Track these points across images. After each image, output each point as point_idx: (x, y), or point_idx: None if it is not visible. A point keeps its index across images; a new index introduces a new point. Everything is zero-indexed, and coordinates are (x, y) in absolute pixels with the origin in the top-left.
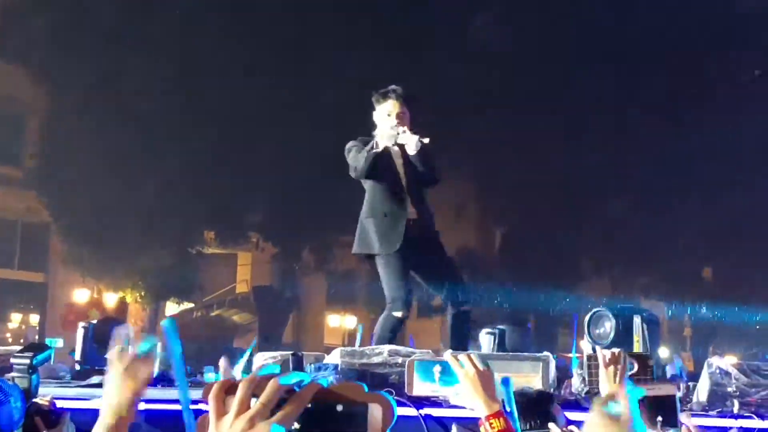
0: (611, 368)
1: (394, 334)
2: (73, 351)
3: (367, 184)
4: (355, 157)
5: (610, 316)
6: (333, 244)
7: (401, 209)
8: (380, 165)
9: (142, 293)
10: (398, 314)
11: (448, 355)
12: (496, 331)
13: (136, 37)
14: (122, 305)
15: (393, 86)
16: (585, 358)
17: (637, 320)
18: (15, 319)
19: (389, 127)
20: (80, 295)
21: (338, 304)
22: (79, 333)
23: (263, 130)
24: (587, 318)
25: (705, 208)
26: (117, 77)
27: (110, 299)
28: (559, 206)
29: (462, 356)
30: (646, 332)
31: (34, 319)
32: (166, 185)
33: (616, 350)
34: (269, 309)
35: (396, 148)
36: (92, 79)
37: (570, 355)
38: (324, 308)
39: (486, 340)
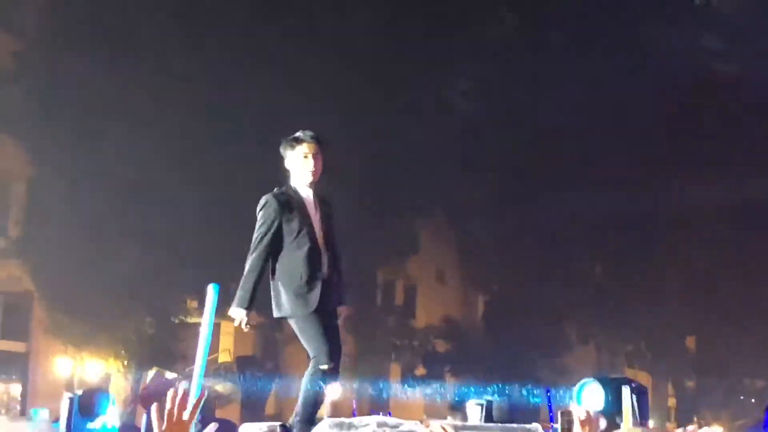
0: (586, 428)
1: (321, 389)
2: (56, 421)
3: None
4: (260, 223)
5: (599, 386)
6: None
7: (318, 270)
8: (295, 222)
9: (125, 362)
10: (324, 366)
11: (436, 426)
12: (484, 402)
13: (117, 102)
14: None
15: (304, 130)
16: (559, 414)
17: (626, 391)
18: None
19: (307, 169)
20: (62, 365)
21: None
22: (64, 404)
23: (248, 195)
24: (576, 388)
25: (688, 276)
26: (98, 143)
27: (93, 369)
28: (544, 273)
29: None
30: (635, 403)
31: (15, 389)
32: (148, 254)
33: (591, 410)
34: (252, 379)
35: (311, 199)
36: (74, 146)
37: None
38: None
39: (474, 410)
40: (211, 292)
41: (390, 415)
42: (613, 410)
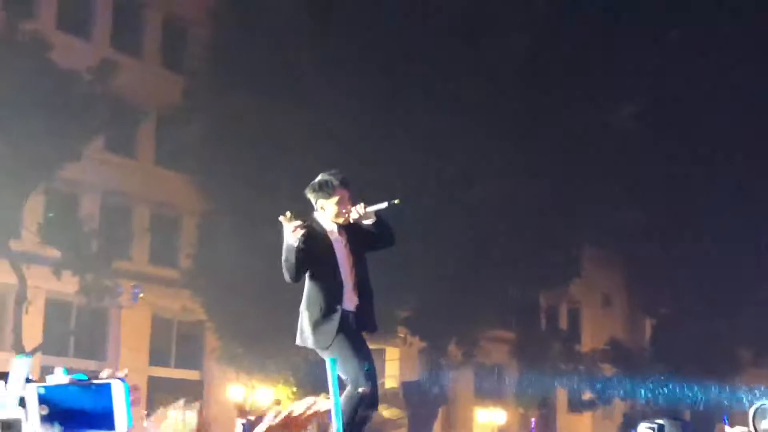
0: None
1: (360, 412)
2: None
3: (308, 273)
4: (285, 255)
5: None
6: (480, 337)
7: (338, 303)
8: (318, 254)
9: (294, 389)
10: (361, 389)
11: None
12: (656, 425)
13: (284, 137)
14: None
15: (332, 178)
16: None
17: None
18: (173, 416)
19: (344, 211)
20: (234, 392)
21: (487, 398)
22: (237, 430)
23: (412, 226)
24: (752, 411)
25: None
26: (268, 179)
27: (264, 395)
28: (712, 293)
29: None
30: None
31: (190, 416)
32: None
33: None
34: (418, 404)
35: (336, 230)
36: (244, 181)
37: None
38: (472, 402)
39: None
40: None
41: None
42: None
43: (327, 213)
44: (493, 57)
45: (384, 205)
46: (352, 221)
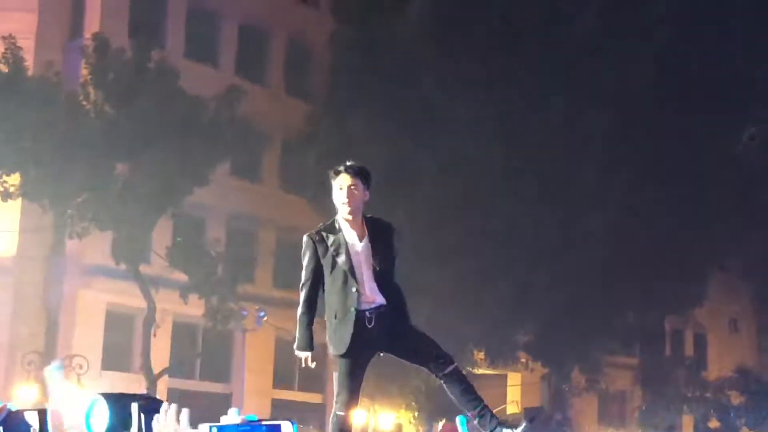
0: None
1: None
2: None
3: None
4: (305, 269)
5: None
6: (603, 363)
7: (352, 305)
8: (329, 257)
9: (416, 414)
10: (340, 413)
11: None
12: None
13: (407, 165)
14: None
15: (348, 162)
16: None
17: None
18: None
19: (340, 201)
20: (356, 415)
21: (611, 425)
22: None
23: (537, 252)
24: None
25: None
26: (387, 204)
27: (386, 419)
28: None
29: None
30: None
31: None
32: (438, 305)
33: None
34: (540, 431)
35: (353, 230)
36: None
37: None
38: (596, 429)
39: None
40: None
41: None
42: None
43: (336, 204)
44: (619, 84)
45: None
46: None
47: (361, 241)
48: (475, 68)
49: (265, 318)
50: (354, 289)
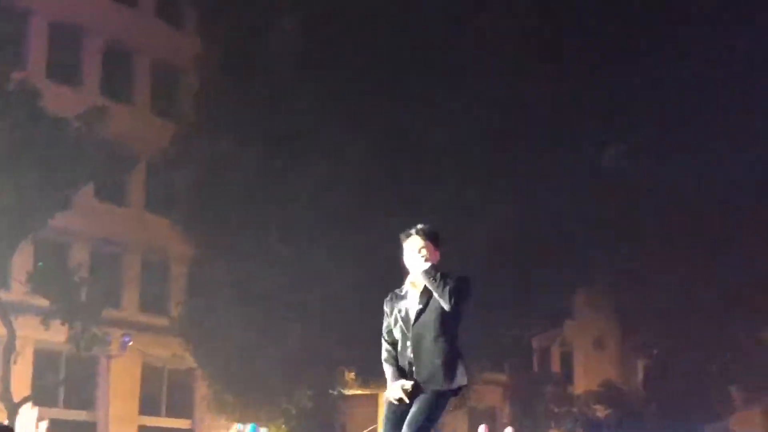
0: None
1: None
2: None
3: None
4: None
5: None
6: (473, 381)
7: (402, 362)
8: (393, 317)
9: None
10: None
11: None
12: None
13: (274, 185)
14: None
15: (418, 226)
16: None
17: None
18: None
19: (415, 261)
20: None
21: None
22: None
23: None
24: None
25: None
26: (258, 225)
27: None
28: (703, 334)
29: None
30: None
31: None
32: (308, 327)
33: None
34: None
35: (415, 290)
36: (233, 229)
37: None
38: None
39: None
40: None
41: None
42: None
43: (407, 265)
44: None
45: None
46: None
47: (420, 300)
48: (344, 88)
49: (131, 343)
50: (404, 348)
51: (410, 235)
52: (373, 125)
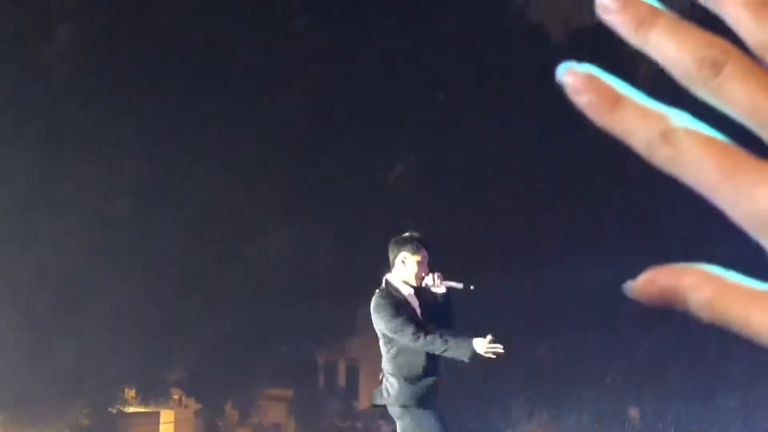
0: None
1: None
2: None
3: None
4: (401, 324)
5: None
6: (257, 397)
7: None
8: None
9: None
10: None
11: None
12: None
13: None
14: None
15: (417, 236)
16: None
17: None
18: None
19: (422, 274)
20: None
21: None
22: None
23: (184, 284)
24: None
25: (629, 343)
26: (30, 237)
27: None
28: None
29: None
30: None
31: None
32: (84, 344)
33: None
34: None
35: (412, 293)
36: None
37: None
38: None
39: None
40: None
41: None
42: None
43: (407, 270)
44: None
45: (460, 286)
46: (423, 285)
47: (418, 304)
48: (126, 95)
49: None
50: None
51: (421, 247)
52: (153, 134)
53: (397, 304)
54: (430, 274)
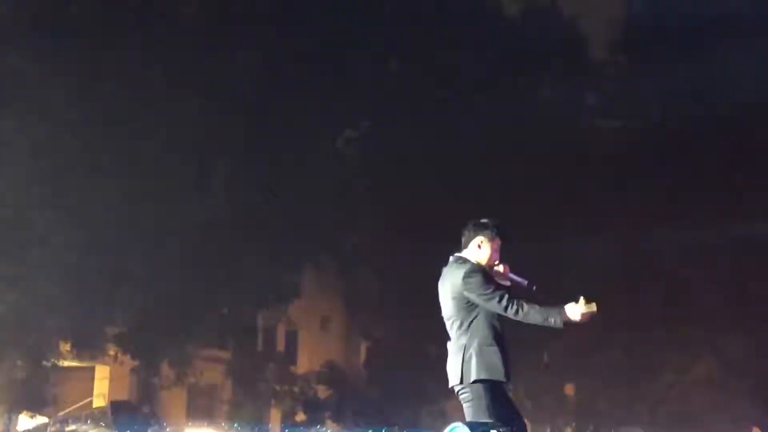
0: None
1: None
2: None
3: (482, 309)
4: (491, 295)
5: (467, 430)
6: (194, 356)
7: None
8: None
9: None
10: None
11: None
12: None
13: None
14: None
15: (497, 224)
16: None
17: None
18: None
19: (495, 261)
20: None
21: (200, 419)
22: None
23: (129, 240)
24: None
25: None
26: None
27: None
28: (423, 316)
29: None
30: None
31: None
32: (21, 296)
33: None
34: (127, 424)
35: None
36: None
37: None
38: (185, 423)
39: None
40: None
41: None
42: None
43: (481, 254)
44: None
45: (524, 282)
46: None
47: None
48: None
49: None
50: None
51: (502, 236)
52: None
53: (489, 277)
54: (502, 264)
